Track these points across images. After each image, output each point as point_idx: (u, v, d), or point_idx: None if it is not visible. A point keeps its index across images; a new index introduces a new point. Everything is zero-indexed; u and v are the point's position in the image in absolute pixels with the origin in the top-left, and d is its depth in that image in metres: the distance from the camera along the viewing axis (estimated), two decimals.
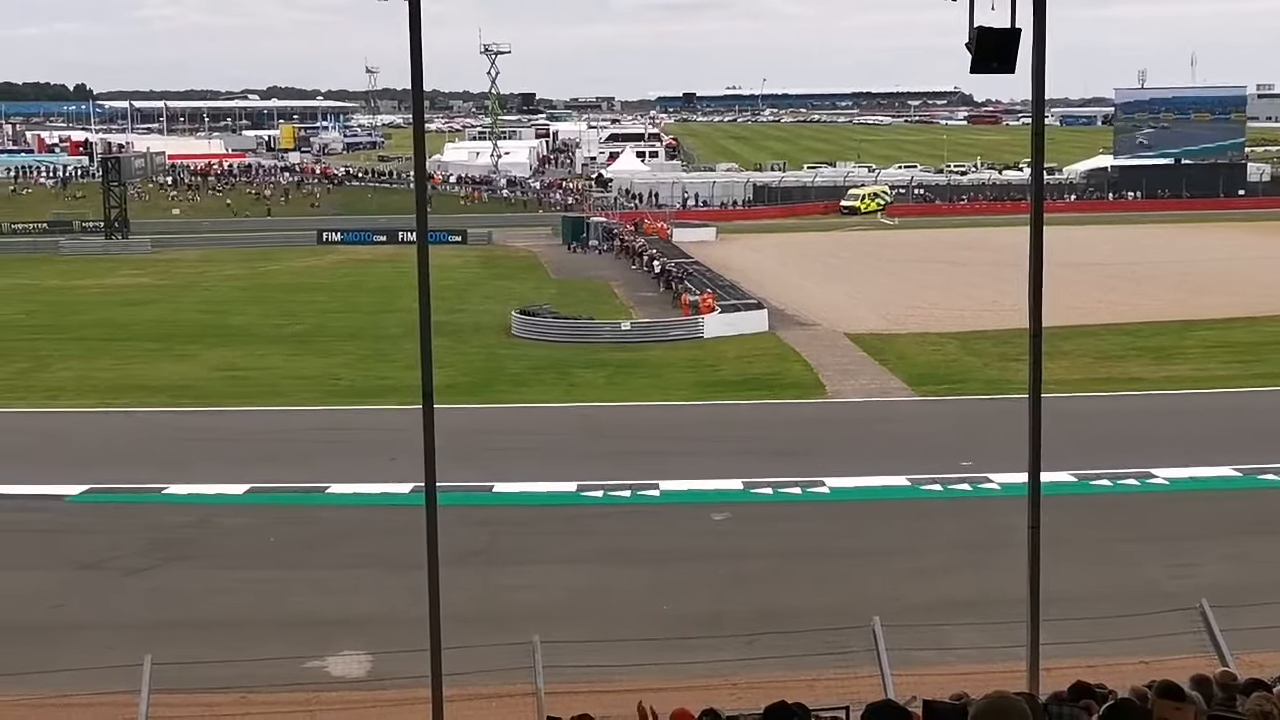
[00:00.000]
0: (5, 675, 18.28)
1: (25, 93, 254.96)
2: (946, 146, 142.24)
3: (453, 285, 64.78)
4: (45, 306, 64.90)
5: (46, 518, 30.71)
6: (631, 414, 40.85)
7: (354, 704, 17.55)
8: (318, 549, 28.26)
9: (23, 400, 43.00)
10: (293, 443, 37.04)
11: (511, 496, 31.67)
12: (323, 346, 52.61)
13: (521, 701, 14.64)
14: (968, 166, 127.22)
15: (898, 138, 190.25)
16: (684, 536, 28.72)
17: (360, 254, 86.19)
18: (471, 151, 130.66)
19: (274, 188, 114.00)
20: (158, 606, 24.58)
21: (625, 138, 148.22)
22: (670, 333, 54.15)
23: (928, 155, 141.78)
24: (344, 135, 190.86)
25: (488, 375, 45.99)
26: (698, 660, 18.59)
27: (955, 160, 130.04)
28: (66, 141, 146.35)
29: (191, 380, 46.10)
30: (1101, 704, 7.52)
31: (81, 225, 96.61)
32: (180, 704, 16.69)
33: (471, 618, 18.96)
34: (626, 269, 76.51)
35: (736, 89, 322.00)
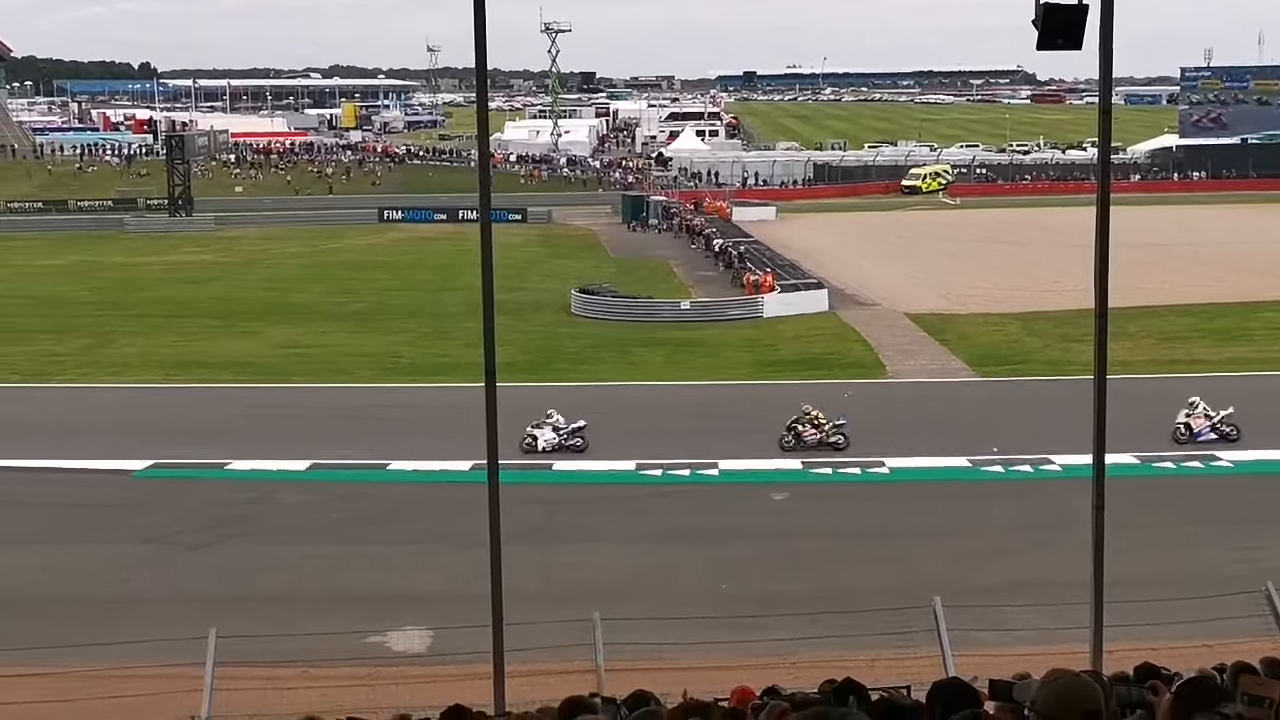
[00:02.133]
0: (72, 647, 18.51)
1: (91, 71, 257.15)
2: (1009, 125, 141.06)
3: (513, 264, 64.92)
4: (109, 283, 65.52)
5: (112, 492, 31.10)
6: (690, 393, 40.85)
7: (414, 679, 17.65)
8: (378, 525, 28.47)
9: (87, 376, 43.49)
10: (354, 419, 37.28)
11: (570, 475, 31.79)
12: (383, 324, 52.88)
13: (581, 678, 14.69)
14: (1030, 146, 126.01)
15: (960, 117, 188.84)
16: (742, 516, 28.73)
17: (421, 232, 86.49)
18: (532, 130, 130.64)
19: (335, 166, 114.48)
20: (220, 581, 24.85)
21: (685, 116, 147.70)
22: (729, 312, 54.05)
23: (990, 134, 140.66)
24: (405, 114, 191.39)
25: (547, 354, 46.12)
26: (756, 639, 18.63)
27: (1018, 139, 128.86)
28: (131, 120, 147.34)
29: (254, 357, 46.48)
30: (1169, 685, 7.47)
31: (146, 203, 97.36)
32: (243, 676, 16.85)
33: (531, 595, 19.06)
34: (686, 248, 76.38)
35: (797, 68, 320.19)
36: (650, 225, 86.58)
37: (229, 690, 15.72)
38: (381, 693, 17.06)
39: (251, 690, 16.64)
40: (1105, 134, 11.72)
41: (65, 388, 42.02)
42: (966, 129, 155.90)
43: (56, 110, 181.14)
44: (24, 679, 17.57)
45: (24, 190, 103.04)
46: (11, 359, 46.10)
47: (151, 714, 12.74)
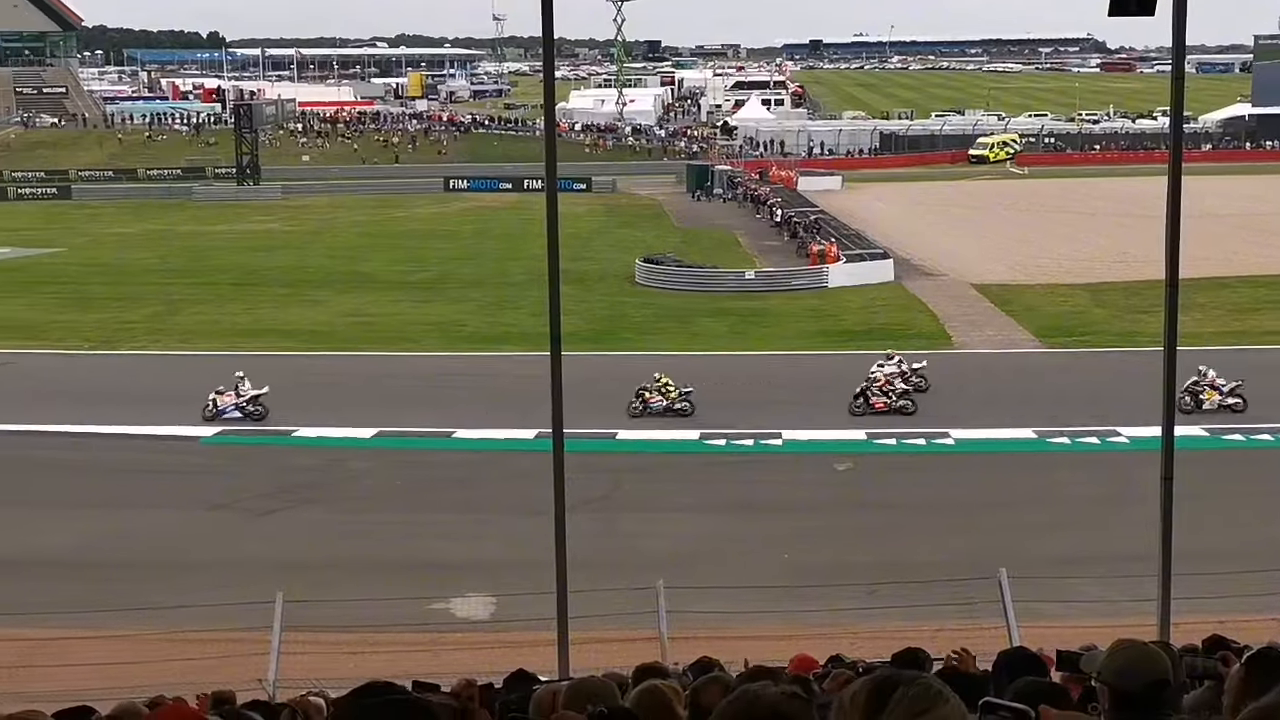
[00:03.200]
0: (142, 610, 18.77)
1: (160, 40, 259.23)
2: (1078, 94, 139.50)
3: (577, 233, 64.94)
4: (178, 251, 66.09)
5: (181, 459, 31.47)
6: (755, 363, 40.79)
7: (478, 645, 17.78)
8: (443, 492, 28.64)
9: (157, 343, 43.94)
10: (419, 388, 37.48)
11: (634, 444, 31.83)
12: (449, 293, 53.08)
13: (644, 646, 14.74)
14: (1100, 115, 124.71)
15: (1028, 85, 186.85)
16: (806, 486, 28.71)
17: (486, 201, 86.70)
18: (597, 99, 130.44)
19: (401, 135, 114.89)
20: (286, 547, 25.11)
21: (751, 85, 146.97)
22: (794, 282, 53.86)
23: (1059, 103, 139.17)
24: (471, 83, 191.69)
25: (612, 323, 46.16)
26: (818, 609, 18.62)
27: (1087, 108, 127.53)
28: (200, 89, 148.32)
29: (321, 325, 46.79)
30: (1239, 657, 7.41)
31: (214, 171, 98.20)
32: (309, 641, 17.04)
33: (594, 563, 19.10)
34: (751, 218, 76.14)
35: (864, 36, 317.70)
36: (715, 195, 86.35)
37: (295, 654, 15.90)
38: (445, 658, 17.19)
39: (317, 654, 16.82)
40: (1178, 99, 11.57)
41: (135, 355, 42.48)
42: (1035, 98, 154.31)
43: (126, 79, 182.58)
44: (95, 641, 17.85)
45: (95, 159, 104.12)
46: (83, 326, 46.66)
47: (220, 677, 12.88)
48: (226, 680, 12.42)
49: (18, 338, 44.48)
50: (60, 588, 22.04)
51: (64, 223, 78.14)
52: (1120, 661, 5.12)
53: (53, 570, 23.61)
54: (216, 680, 12.34)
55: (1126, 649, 5.20)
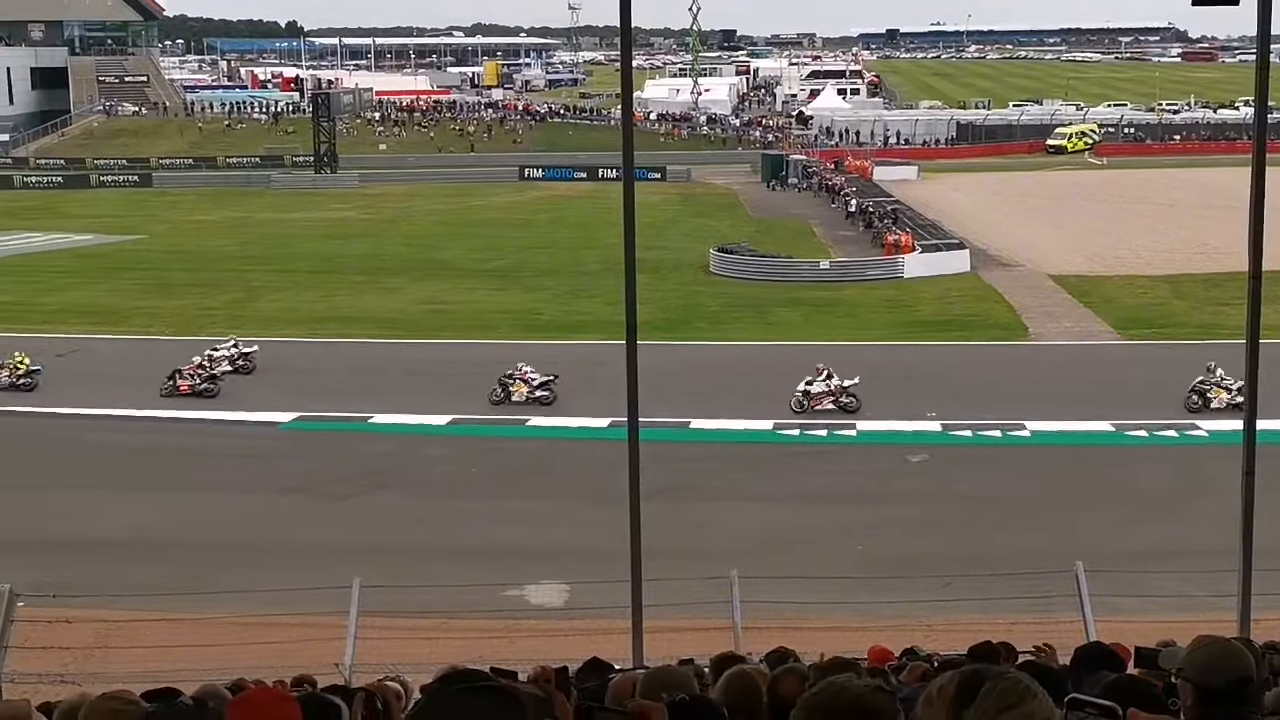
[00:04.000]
0: (220, 594, 18.97)
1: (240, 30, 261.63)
2: (1159, 84, 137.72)
3: (652, 222, 64.82)
4: (257, 239, 66.72)
5: (259, 444, 31.82)
6: (829, 353, 40.59)
7: (552, 632, 17.85)
8: (517, 480, 28.75)
9: (236, 330, 44.28)
10: (494, 376, 37.58)
11: (708, 433, 31.82)
12: (524, 281, 53.25)
13: (717, 635, 14.72)
14: (1181, 105, 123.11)
15: (1107, 75, 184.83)
16: (880, 477, 28.60)
17: (561, 190, 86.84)
18: (672, 88, 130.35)
19: (477, 124, 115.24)
20: (363, 532, 25.29)
21: (826, 75, 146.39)
22: (869, 272, 53.63)
23: (1139, 93, 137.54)
24: (546, 72, 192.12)
25: (686, 312, 46.15)
26: (892, 600, 18.55)
27: (1168, 98, 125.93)
28: (278, 78, 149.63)
29: (396, 313, 47.08)
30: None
31: (292, 160, 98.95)
32: (385, 626, 17.13)
33: (668, 552, 19.10)
34: (826, 207, 75.80)
35: (941, 25, 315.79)
36: (790, 184, 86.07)
37: (371, 639, 15.98)
38: (520, 645, 17.27)
39: (393, 640, 16.89)
40: (1262, 89, 11.42)
41: (215, 341, 42.87)
42: (1114, 87, 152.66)
43: (206, 68, 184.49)
44: (171, 623, 18.04)
45: (175, 147, 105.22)
46: (164, 313, 47.23)
47: (296, 661, 12.99)
48: (303, 664, 12.53)
49: (101, 323, 45.10)
50: (137, 571, 22.34)
51: (145, 210, 79.05)
52: (1203, 658, 5.06)
53: (130, 553, 23.95)
54: (293, 664, 12.46)
55: (1209, 645, 5.14)
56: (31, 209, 79.12)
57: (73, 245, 65.28)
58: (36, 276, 55.38)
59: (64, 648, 16.30)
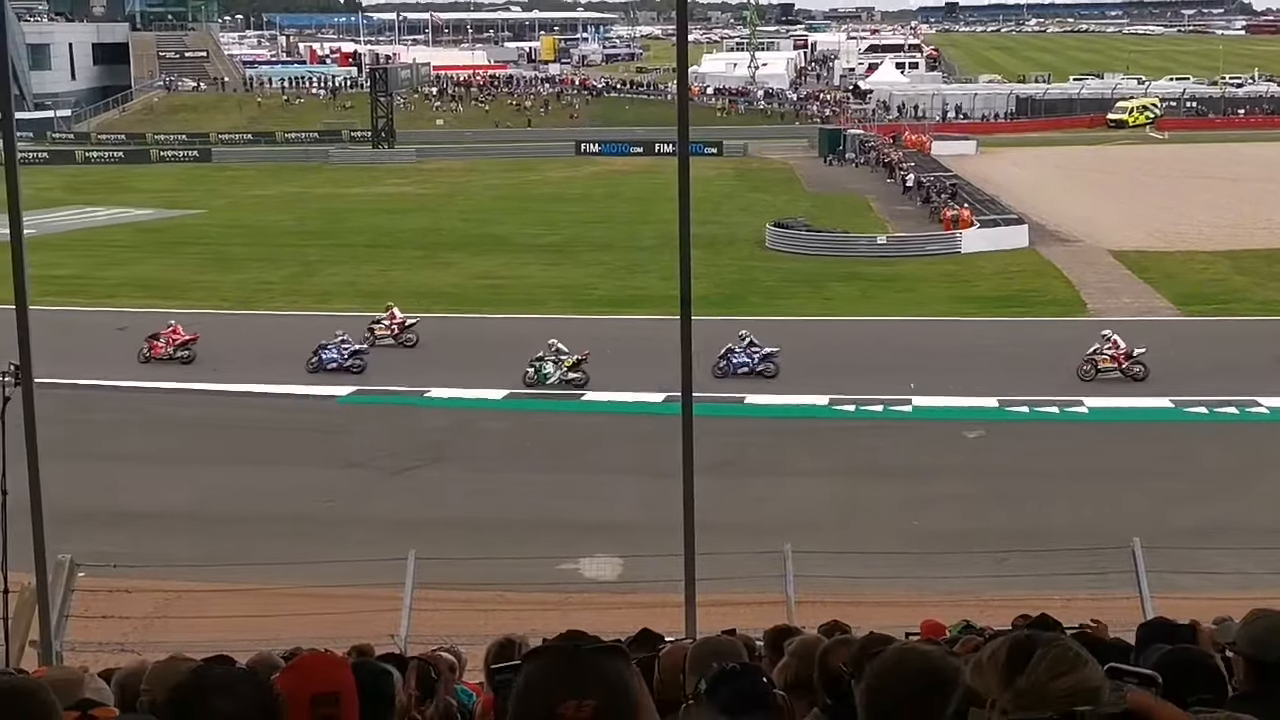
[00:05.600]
0: (278, 565, 19.13)
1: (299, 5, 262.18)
2: (1222, 57, 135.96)
3: (708, 197, 64.77)
4: (315, 213, 67.06)
5: (319, 418, 32.07)
6: (885, 328, 40.50)
7: (607, 605, 17.90)
8: (572, 454, 28.85)
9: (295, 304, 44.66)
10: None
11: (763, 408, 31.80)
12: (579, 256, 53.32)
13: (771, 609, 14.73)
14: (1244, 79, 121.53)
15: (1169, 48, 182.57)
16: (936, 453, 28.47)
17: (617, 165, 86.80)
18: (729, 63, 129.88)
19: (534, 99, 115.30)
20: (418, 505, 25.45)
21: (884, 49, 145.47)
22: (927, 247, 53.37)
23: (1202, 66, 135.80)
24: (603, 47, 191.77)
25: (741, 287, 46.06)
26: (947, 575, 18.47)
27: (1231, 72, 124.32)
28: (337, 53, 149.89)
29: (452, 287, 47.26)
30: None
31: (350, 135, 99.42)
32: (441, 599, 17.23)
33: (722, 526, 19.09)
34: (883, 182, 75.44)
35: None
36: (847, 159, 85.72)
37: (426, 611, 16.10)
38: (574, 618, 17.31)
39: (448, 612, 17.01)
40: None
41: (274, 315, 43.22)
42: (1177, 61, 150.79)
43: (265, 44, 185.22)
44: (230, 594, 18.19)
45: (235, 122, 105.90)
46: (223, 287, 47.61)
47: (352, 631, 13.08)
48: (359, 635, 12.62)
49: (160, 297, 45.48)
50: (196, 542, 22.57)
51: (205, 185, 79.62)
52: (1258, 630, 5.03)
53: (190, 525, 24.18)
54: (349, 635, 12.55)
55: (1263, 618, 5.11)
56: (93, 184, 79.84)
57: (133, 220, 65.93)
58: (98, 250, 55.95)
59: (123, 617, 16.50)
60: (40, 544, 11.13)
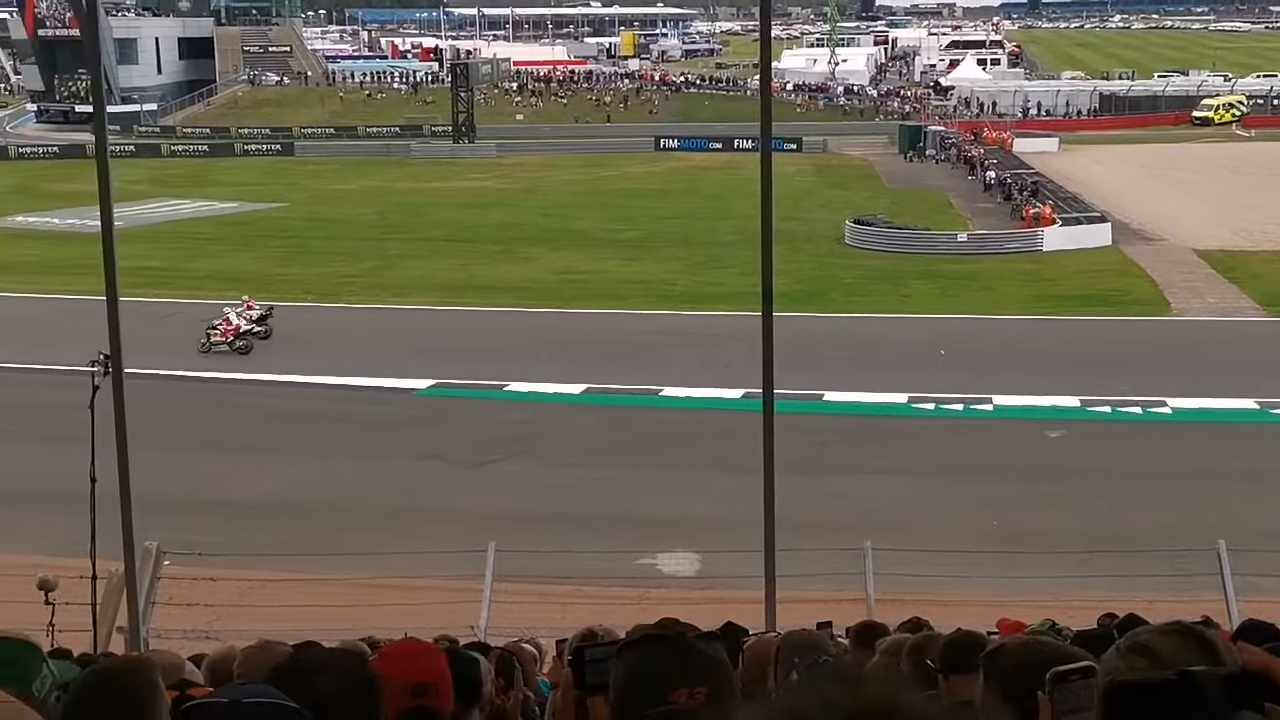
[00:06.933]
0: (358, 556, 19.33)
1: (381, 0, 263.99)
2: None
3: (787, 194, 64.51)
4: (395, 207, 67.52)
5: (396, 410, 32.28)
6: (966, 326, 40.25)
7: (684, 601, 17.88)
8: (650, 449, 28.87)
9: (374, 297, 45.00)
10: (628, 345, 37.78)
11: (842, 406, 31.68)
12: (657, 251, 53.34)
13: (850, 607, 14.68)
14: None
15: (1257, 45, 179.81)
16: (1017, 452, 28.28)
17: (696, 160, 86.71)
18: (809, 59, 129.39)
19: (613, 94, 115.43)
20: (497, 498, 25.55)
21: (966, 45, 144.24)
22: (1008, 245, 52.96)
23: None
24: (683, 42, 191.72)
25: (820, 284, 45.91)
26: (1027, 575, 18.36)
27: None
28: (418, 48, 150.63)
29: (532, 282, 47.43)
30: None
31: (431, 129, 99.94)
32: (519, 591, 17.34)
33: (800, 523, 19.08)
34: (963, 179, 74.89)
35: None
36: (928, 156, 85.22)
37: (504, 603, 16.19)
38: (651, 613, 17.27)
39: (525, 604, 17.11)
40: None
41: (353, 308, 43.57)
42: (1264, 58, 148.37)
43: (348, 39, 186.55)
44: (308, 583, 18.37)
45: (317, 117, 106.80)
46: (304, 279, 48.05)
47: (431, 622, 13.19)
48: (438, 626, 12.72)
49: (243, 289, 45.88)
50: (276, 531, 22.80)
51: (287, 178, 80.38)
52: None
53: (270, 513, 24.48)
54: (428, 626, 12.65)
55: None
56: (178, 177, 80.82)
57: (217, 213, 66.69)
58: (184, 243, 56.66)
59: (207, 605, 16.70)
60: (129, 531, 11.32)
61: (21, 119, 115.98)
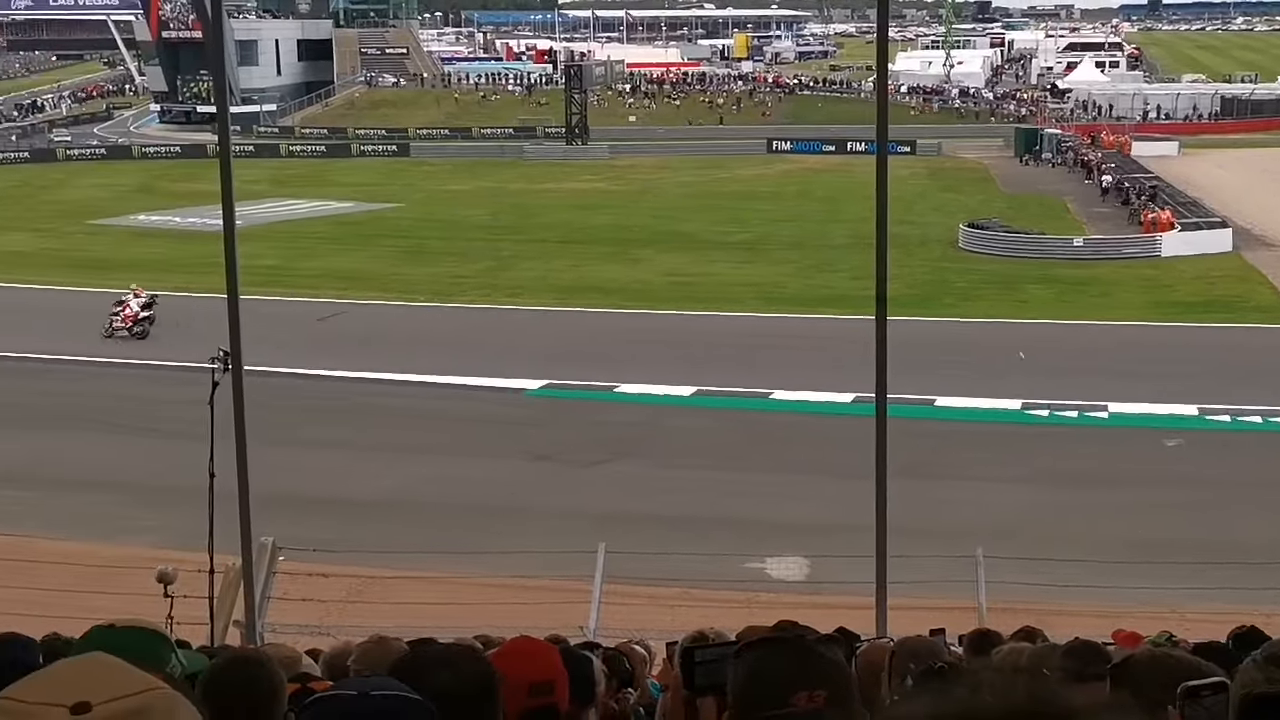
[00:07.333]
0: (470, 554, 19.45)
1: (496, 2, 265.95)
2: None
3: (901, 197, 63.88)
4: (508, 209, 67.95)
5: (507, 410, 32.50)
6: (1081, 332, 39.74)
7: (793, 605, 17.81)
8: (759, 452, 28.80)
9: (487, 298, 45.35)
10: (738, 348, 37.73)
11: (954, 411, 31.42)
12: (769, 254, 53.24)
13: (960, 614, 14.56)
14: None
15: None
16: (1132, 461, 27.86)
17: (808, 163, 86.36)
18: (923, 61, 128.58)
19: (726, 96, 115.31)
20: (606, 499, 25.63)
21: (1084, 47, 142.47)
22: (1125, 250, 52.22)
23: None
24: (796, 44, 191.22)
25: (933, 288, 45.55)
26: (1141, 586, 18.07)
27: None
28: (532, 50, 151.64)
29: (642, 284, 47.53)
30: None
31: (544, 131, 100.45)
32: (627, 593, 17.36)
33: (909, 529, 18.93)
34: (1080, 183, 73.92)
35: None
36: (1043, 159, 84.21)
37: (613, 604, 16.22)
38: (760, 617, 17.23)
39: (634, 606, 17.13)
40: None
41: (467, 308, 43.93)
42: None
43: (463, 40, 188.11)
44: (421, 581, 18.54)
45: (432, 118, 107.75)
46: (418, 280, 48.52)
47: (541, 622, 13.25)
48: (548, 626, 12.78)
49: (358, 288, 46.56)
50: (388, 529, 23.01)
51: (402, 179, 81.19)
52: None
53: (382, 511, 24.72)
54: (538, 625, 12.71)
55: None
56: (296, 177, 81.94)
57: (333, 212, 67.58)
58: (300, 242, 57.45)
59: (320, 600, 16.90)
60: (246, 526, 11.51)
61: (145, 119, 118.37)
